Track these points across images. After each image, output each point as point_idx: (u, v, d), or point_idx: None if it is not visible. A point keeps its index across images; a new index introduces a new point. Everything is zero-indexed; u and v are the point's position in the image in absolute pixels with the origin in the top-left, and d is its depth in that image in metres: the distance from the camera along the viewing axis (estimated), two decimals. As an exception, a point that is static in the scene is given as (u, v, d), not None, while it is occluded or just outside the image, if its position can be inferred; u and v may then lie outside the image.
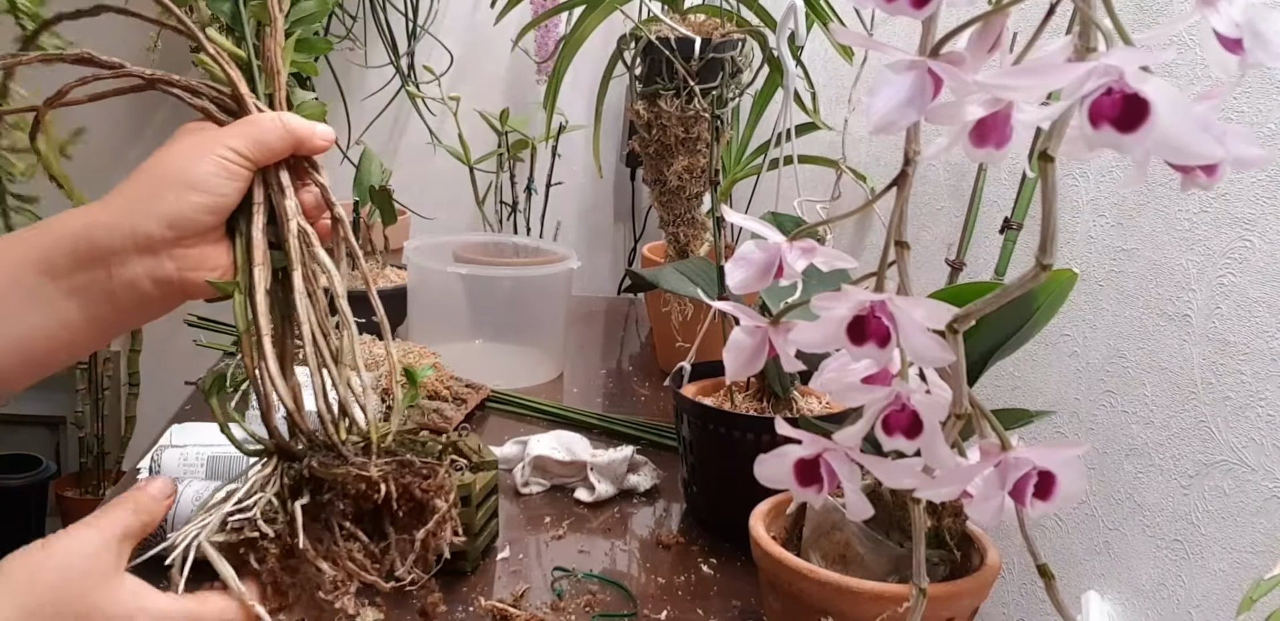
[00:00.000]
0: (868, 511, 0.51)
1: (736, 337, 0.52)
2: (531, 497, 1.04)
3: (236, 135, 0.57)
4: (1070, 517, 0.83)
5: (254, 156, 0.57)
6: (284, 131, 0.58)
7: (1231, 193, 0.68)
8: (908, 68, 0.39)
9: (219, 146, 0.56)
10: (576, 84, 1.63)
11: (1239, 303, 0.67)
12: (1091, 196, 0.83)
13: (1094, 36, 0.36)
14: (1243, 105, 0.67)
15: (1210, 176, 0.38)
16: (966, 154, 0.41)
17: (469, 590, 0.86)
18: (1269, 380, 0.64)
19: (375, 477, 0.52)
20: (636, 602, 0.85)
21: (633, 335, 1.70)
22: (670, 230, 1.30)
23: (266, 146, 0.57)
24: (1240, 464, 0.66)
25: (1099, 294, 0.81)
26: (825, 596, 0.67)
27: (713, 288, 0.98)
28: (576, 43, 1.25)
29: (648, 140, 1.24)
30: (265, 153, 0.57)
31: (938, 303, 0.43)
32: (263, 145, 0.57)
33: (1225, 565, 0.66)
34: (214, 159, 0.55)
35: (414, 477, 0.54)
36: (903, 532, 0.69)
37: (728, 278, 0.51)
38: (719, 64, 1.20)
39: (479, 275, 1.38)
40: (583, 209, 1.94)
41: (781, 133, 1.10)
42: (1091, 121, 0.34)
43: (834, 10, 1.22)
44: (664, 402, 1.32)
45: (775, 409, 0.96)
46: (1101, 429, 0.80)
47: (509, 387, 1.31)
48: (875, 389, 0.46)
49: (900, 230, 0.45)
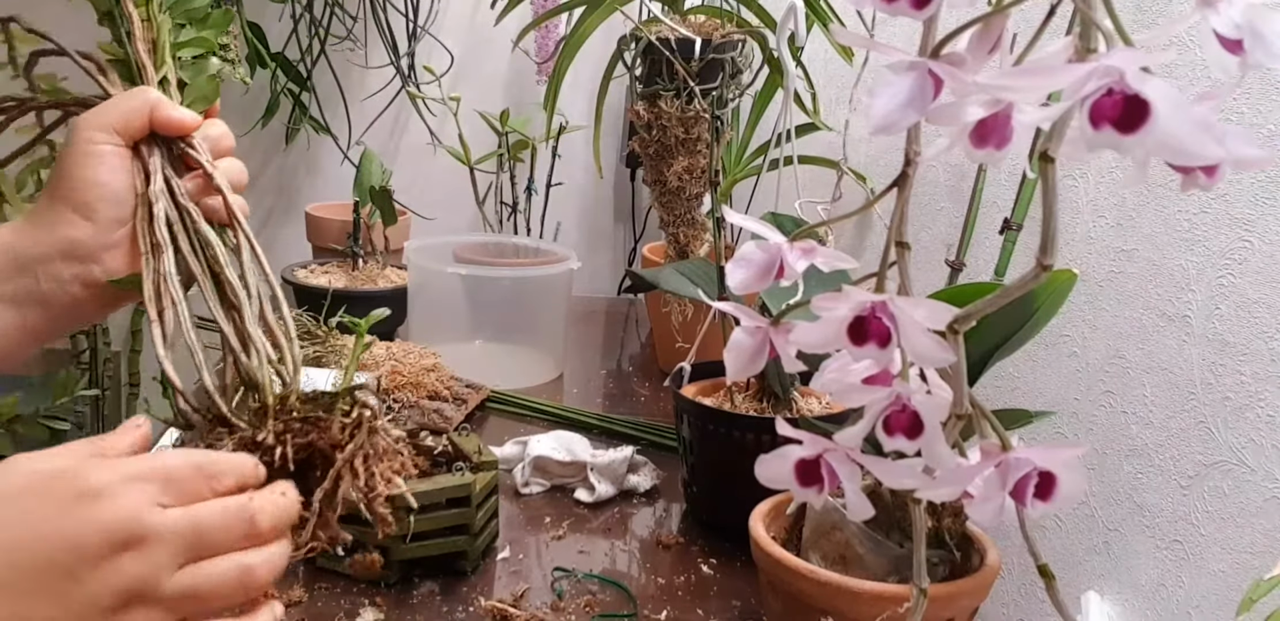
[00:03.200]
0: (868, 511, 0.51)
1: (737, 338, 0.52)
2: (531, 498, 1.04)
3: (95, 114, 0.58)
4: (1070, 518, 0.83)
5: (119, 128, 0.57)
6: (139, 100, 0.58)
7: (1231, 193, 0.68)
8: (908, 69, 0.39)
9: (83, 133, 0.57)
10: (577, 84, 1.63)
11: (1238, 303, 0.67)
12: (1091, 197, 0.83)
13: (1094, 37, 0.36)
14: (1243, 106, 0.67)
15: (1210, 177, 0.38)
16: (967, 155, 0.41)
17: (469, 590, 0.86)
18: (1268, 381, 0.64)
19: (267, 442, 0.50)
20: (636, 603, 0.85)
21: (633, 335, 1.70)
22: (670, 231, 1.30)
23: (124, 118, 0.58)
24: (1240, 464, 0.66)
25: (1099, 294, 0.81)
26: (825, 596, 0.67)
27: (713, 288, 0.98)
28: (577, 43, 1.25)
29: (648, 141, 1.24)
30: (124, 124, 0.58)
31: (938, 303, 0.43)
32: (121, 117, 0.58)
33: (1225, 565, 0.66)
34: (81, 149, 0.57)
35: (318, 434, 0.51)
36: (903, 533, 0.69)
37: (728, 278, 0.51)
38: (719, 65, 1.20)
39: (479, 275, 1.38)
40: (583, 209, 1.94)
41: (781, 133, 1.11)
42: (1092, 122, 0.34)
43: (834, 11, 1.22)
44: (664, 403, 1.32)
45: (775, 409, 0.96)
46: (1101, 429, 0.80)
47: (509, 388, 1.31)
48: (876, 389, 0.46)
49: (901, 231, 0.45)
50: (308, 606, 0.82)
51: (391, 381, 1.18)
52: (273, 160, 1.87)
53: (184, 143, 0.60)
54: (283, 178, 1.89)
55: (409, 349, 1.25)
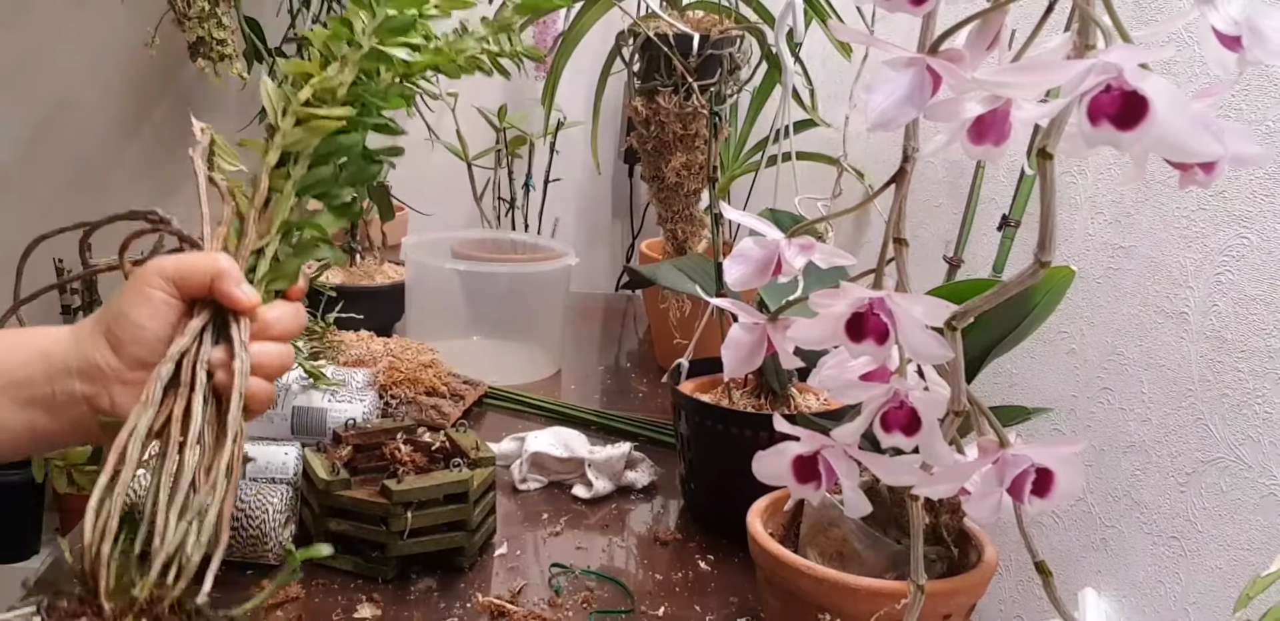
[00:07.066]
0: (865, 508, 0.51)
1: (735, 334, 0.52)
2: (529, 494, 1.04)
3: (165, 260, 0.60)
4: (1068, 515, 0.83)
5: (177, 282, 0.59)
6: (206, 265, 0.59)
7: (1229, 190, 0.68)
8: (906, 65, 0.39)
9: (145, 274, 0.59)
10: (575, 80, 1.63)
11: (1236, 300, 0.67)
12: (1090, 194, 0.83)
13: (1093, 34, 0.36)
14: (1241, 103, 0.67)
15: (1208, 174, 0.38)
16: (965, 151, 0.41)
17: (466, 586, 0.86)
18: (1266, 377, 0.64)
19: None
20: (634, 599, 0.85)
21: (631, 332, 1.70)
22: (668, 227, 1.30)
23: (184, 275, 0.59)
24: (1237, 461, 0.66)
25: (1097, 291, 0.81)
26: (823, 593, 0.67)
27: (711, 284, 0.98)
28: (575, 39, 1.25)
29: (646, 137, 1.24)
30: (182, 280, 0.59)
31: (936, 300, 0.43)
32: (181, 273, 0.59)
33: (1222, 562, 0.67)
34: (137, 288, 0.59)
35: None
36: (900, 529, 0.69)
37: (726, 274, 0.51)
38: (717, 60, 1.19)
39: (477, 271, 1.38)
40: (581, 205, 1.94)
41: (780, 129, 1.10)
42: (1090, 119, 0.34)
43: (832, 7, 1.22)
44: (662, 399, 1.32)
45: (773, 405, 0.96)
46: (1099, 426, 0.80)
47: (506, 384, 1.31)
48: (873, 386, 0.46)
49: (899, 227, 0.45)
50: (305, 602, 0.82)
51: (389, 377, 1.18)
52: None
53: (233, 314, 0.60)
54: (280, 173, 1.88)
55: (406, 345, 1.25)
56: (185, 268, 0.59)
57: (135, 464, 0.54)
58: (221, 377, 0.59)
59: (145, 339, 0.58)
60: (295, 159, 0.63)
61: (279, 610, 0.80)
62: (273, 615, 0.79)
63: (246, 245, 0.62)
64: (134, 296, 0.58)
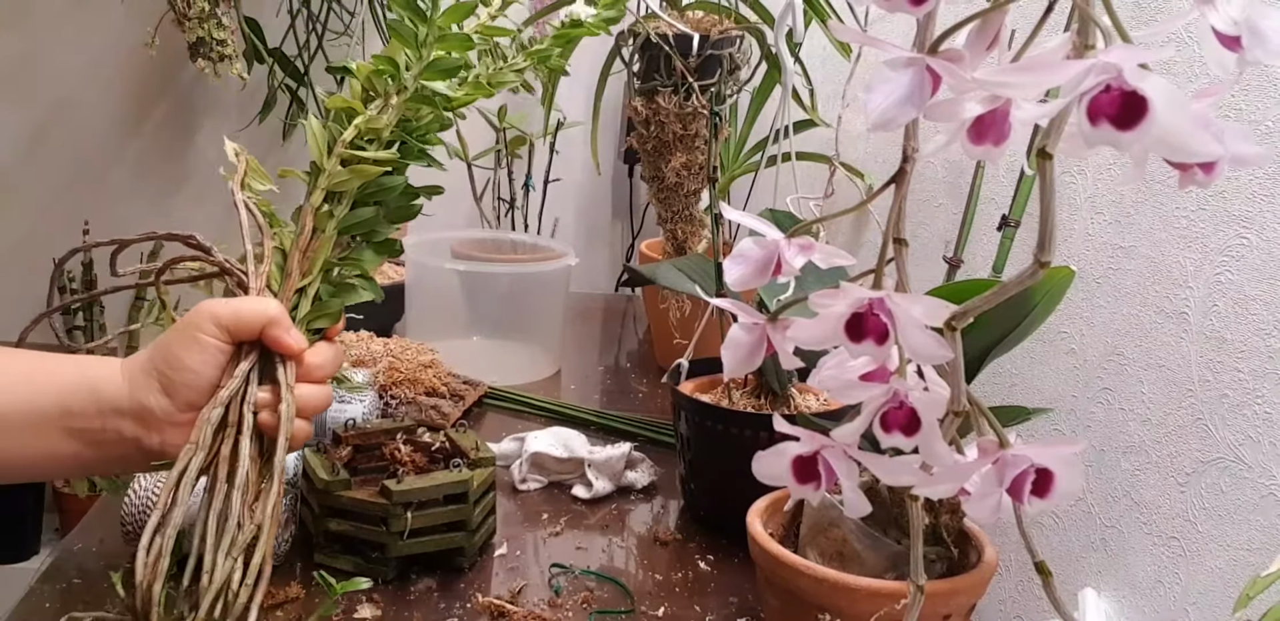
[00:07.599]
0: (865, 508, 0.51)
1: (734, 334, 0.52)
2: (529, 494, 1.04)
3: (217, 305, 0.61)
4: (1068, 515, 0.83)
5: (230, 328, 0.60)
6: (259, 312, 0.60)
7: (1229, 190, 0.68)
8: (906, 64, 0.39)
9: (197, 319, 0.60)
10: (575, 80, 1.63)
11: (1236, 300, 0.67)
12: (1089, 194, 0.83)
13: (1092, 33, 0.36)
14: (1241, 103, 0.67)
15: (1208, 174, 0.38)
16: (964, 151, 0.41)
17: (466, 586, 0.86)
18: (1266, 377, 0.64)
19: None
20: (634, 599, 0.85)
21: (630, 332, 1.70)
22: (668, 227, 1.30)
23: (237, 322, 0.60)
24: (1237, 461, 0.66)
25: (1096, 291, 0.81)
26: (822, 593, 0.67)
27: (710, 284, 0.98)
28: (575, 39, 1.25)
29: (646, 137, 1.24)
30: (235, 326, 0.60)
31: (936, 300, 0.43)
32: (235, 320, 0.60)
33: (1222, 562, 0.67)
34: (189, 333, 0.60)
35: None
36: (900, 529, 0.69)
37: (726, 274, 0.51)
38: (717, 61, 1.20)
39: (477, 271, 1.38)
40: (581, 205, 1.94)
41: (779, 129, 1.10)
42: (1090, 119, 0.34)
43: (832, 7, 1.21)
44: (662, 399, 1.32)
45: (773, 406, 0.96)
46: (1099, 426, 0.80)
47: (506, 384, 1.31)
48: (873, 386, 0.46)
49: (899, 227, 0.45)
50: (305, 603, 0.82)
51: (389, 377, 1.18)
52: (271, 155, 1.86)
53: (280, 357, 0.61)
54: (280, 173, 1.89)
55: (406, 345, 1.25)
56: (239, 315, 0.60)
57: (185, 505, 0.56)
58: (266, 418, 0.60)
59: (198, 384, 0.59)
60: (339, 198, 0.64)
61: (279, 610, 0.80)
62: (273, 615, 0.79)
63: (291, 285, 0.63)
64: (188, 342, 0.59)
